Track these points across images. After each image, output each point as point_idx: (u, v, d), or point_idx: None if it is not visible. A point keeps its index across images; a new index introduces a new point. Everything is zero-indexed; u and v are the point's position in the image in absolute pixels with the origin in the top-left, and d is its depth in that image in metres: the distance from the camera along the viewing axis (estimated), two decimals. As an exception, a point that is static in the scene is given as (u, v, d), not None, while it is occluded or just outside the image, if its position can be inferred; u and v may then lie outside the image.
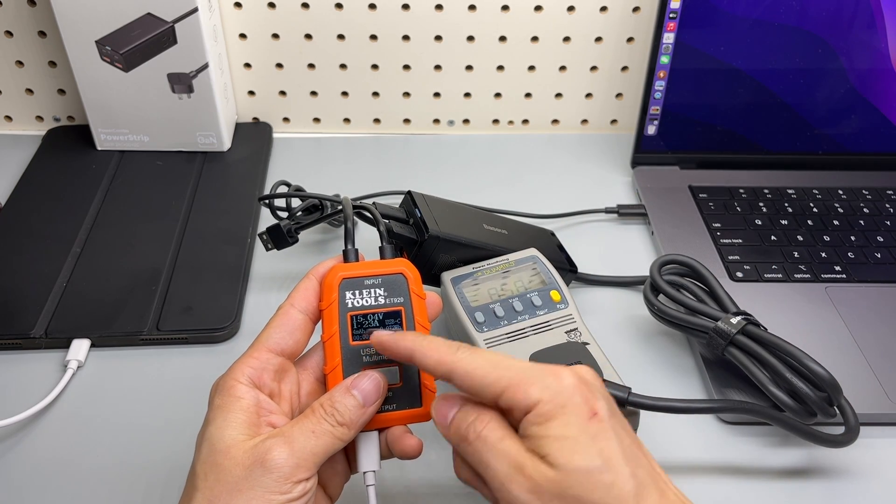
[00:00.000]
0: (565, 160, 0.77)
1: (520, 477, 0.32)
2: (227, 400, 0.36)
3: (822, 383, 0.46)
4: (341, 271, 0.40)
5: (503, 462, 0.33)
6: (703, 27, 0.67)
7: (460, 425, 0.35)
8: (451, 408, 0.36)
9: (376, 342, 0.38)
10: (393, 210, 0.54)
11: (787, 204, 0.68)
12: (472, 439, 0.34)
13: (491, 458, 0.33)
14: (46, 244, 0.62)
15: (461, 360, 0.35)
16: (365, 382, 0.37)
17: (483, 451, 0.34)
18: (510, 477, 0.33)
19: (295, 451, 0.34)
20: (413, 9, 0.72)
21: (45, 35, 0.73)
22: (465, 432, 0.35)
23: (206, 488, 0.34)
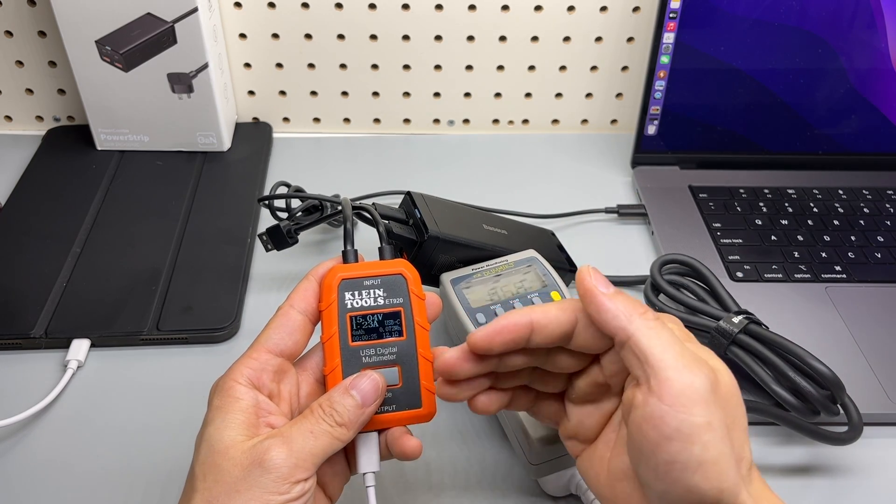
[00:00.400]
0: (565, 160, 0.77)
1: (705, 367, 0.32)
2: (226, 401, 0.36)
3: (825, 381, 0.46)
4: (340, 272, 0.40)
5: (683, 352, 0.32)
6: (703, 27, 0.67)
7: (625, 300, 0.34)
8: (609, 285, 0.35)
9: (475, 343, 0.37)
10: (392, 211, 0.54)
11: (788, 204, 0.68)
12: (648, 319, 0.34)
13: (671, 344, 0.33)
14: (46, 244, 0.62)
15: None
16: (364, 383, 0.37)
17: (662, 336, 0.33)
18: (695, 365, 0.32)
19: (293, 452, 0.34)
20: (413, 9, 0.72)
21: (45, 35, 0.73)
22: (634, 309, 0.34)
23: (205, 489, 0.34)
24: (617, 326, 0.34)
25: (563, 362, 0.37)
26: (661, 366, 0.32)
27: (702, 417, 0.31)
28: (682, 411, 0.31)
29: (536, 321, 0.36)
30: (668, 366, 0.32)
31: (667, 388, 0.31)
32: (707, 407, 0.31)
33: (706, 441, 0.31)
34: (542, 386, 0.39)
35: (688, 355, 0.33)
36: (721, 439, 0.31)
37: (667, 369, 0.32)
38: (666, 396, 0.31)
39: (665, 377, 0.32)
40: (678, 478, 0.31)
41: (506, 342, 0.36)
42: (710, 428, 0.31)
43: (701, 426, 0.31)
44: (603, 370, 0.37)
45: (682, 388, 0.31)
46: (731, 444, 0.32)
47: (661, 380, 0.32)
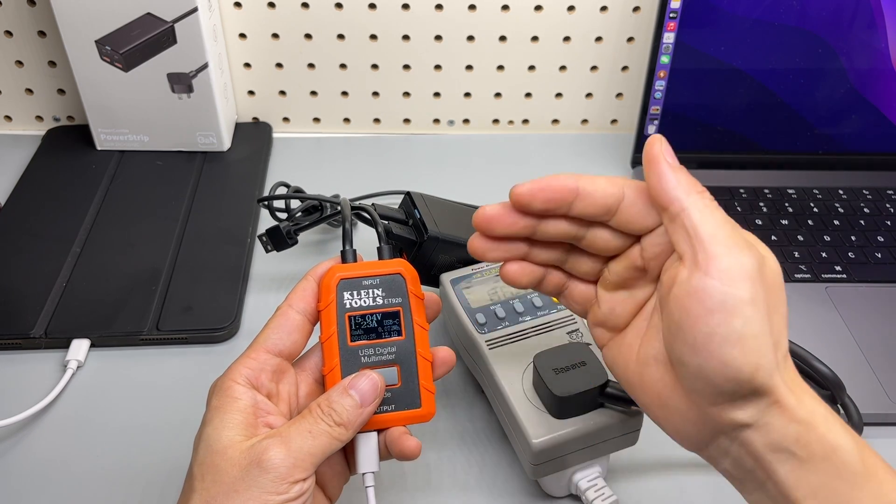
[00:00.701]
0: (565, 160, 0.77)
1: (751, 248, 0.32)
2: (225, 401, 0.36)
3: (825, 381, 0.46)
4: (339, 272, 0.40)
5: (733, 231, 0.32)
6: (703, 27, 0.67)
7: (691, 184, 0.34)
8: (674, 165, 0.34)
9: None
10: (392, 211, 0.54)
11: (788, 204, 0.68)
12: (704, 196, 0.33)
13: (722, 224, 0.32)
14: (46, 244, 0.62)
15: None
16: (362, 382, 0.37)
17: (717, 214, 0.33)
18: (742, 244, 0.32)
19: (292, 452, 0.34)
20: (413, 9, 0.72)
21: (45, 35, 0.73)
22: (693, 184, 0.34)
23: (203, 489, 0.34)
24: (674, 197, 0.33)
25: (603, 240, 0.37)
26: (712, 241, 0.32)
27: (746, 293, 0.31)
28: (729, 285, 0.31)
29: (583, 187, 0.35)
30: (718, 242, 0.32)
31: (714, 263, 0.31)
32: (753, 285, 0.31)
33: (748, 316, 0.31)
34: (577, 268, 0.39)
35: (738, 236, 0.32)
36: (763, 318, 0.31)
37: (717, 245, 0.32)
38: (713, 270, 0.31)
39: (714, 252, 0.31)
40: (716, 351, 0.31)
41: (548, 199, 0.35)
42: (754, 304, 0.31)
43: (745, 301, 0.31)
44: (643, 252, 0.36)
45: (730, 264, 0.31)
46: (770, 326, 0.32)
47: (709, 255, 0.31)
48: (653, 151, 0.34)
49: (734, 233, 0.32)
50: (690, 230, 0.32)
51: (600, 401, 0.44)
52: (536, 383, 0.45)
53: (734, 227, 0.33)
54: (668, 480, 0.48)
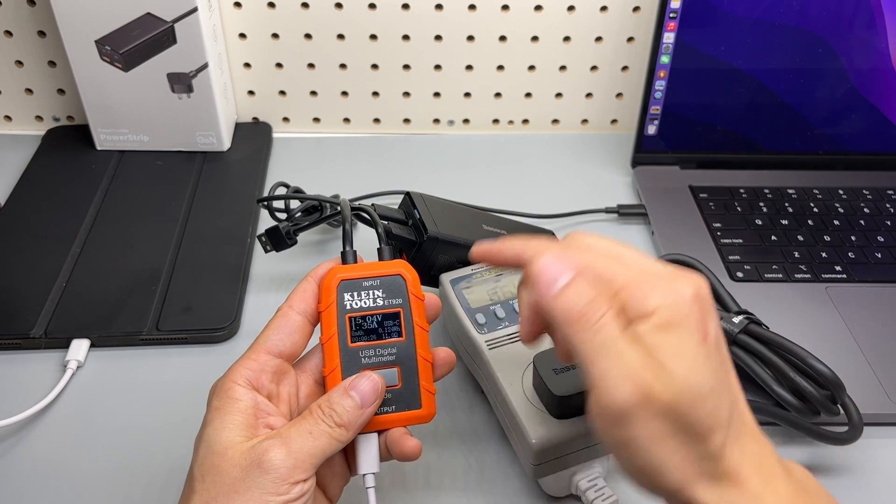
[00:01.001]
0: (565, 160, 0.77)
1: (631, 384, 0.30)
2: (225, 402, 0.36)
3: (825, 381, 0.46)
4: (339, 273, 0.40)
5: (616, 363, 0.31)
6: (703, 27, 0.67)
7: (575, 300, 0.32)
8: (565, 272, 0.32)
9: (478, 254, 0.38)
10: (392, 211, 0.54)
11: (788, 204, 0.68)
12: (587, 326, 0.31)
13: (603, 355, 0.31)
14: (46, 244, 0.62)
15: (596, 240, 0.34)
16: (363, 383, 0.37)
17: (596, 344, 0.31)
18: (620, 380, 0.30)
19: (292, 452, 0.34)
20: (413, 9, 0.72)
21: (45, 35, 0.73)
22: (579, 312, 0.32)
23: (204, 490, 0.34)
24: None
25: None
26: (597, 379, 0.31)
27: (635, 431, 0.31)
28: (613, 425, 0.31)
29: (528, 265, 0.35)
30: (602, 378, 0.31)
31: (595, 404, 0.31)
32: (638, 418, 0.31)
33: (642, 447, 0.31)
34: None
35: (621, 364, 0.31)
36: (661, 440, 0.31)
37: (598, 384, 0.31)
38: (595, 414, 0.32)
39: (596, 393, 0.31)
40: (634, 475, 0.33)
41: (499, 265, 0.38)
42: (648, 437, 0.31)
43: (634, 437, 0.31)
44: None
45: (608, 403, 0.31)
46: (676, 443, 0.31)
47: (595, 393, 0.31)
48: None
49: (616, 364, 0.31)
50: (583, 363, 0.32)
51: (600, 401, 0.44)
52: (536, 383, 0.45)
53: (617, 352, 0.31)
54: (668, 480, 0.48)
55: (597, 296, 0.32)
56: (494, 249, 0.37)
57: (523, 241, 0.36)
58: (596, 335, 0.31)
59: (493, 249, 0.37)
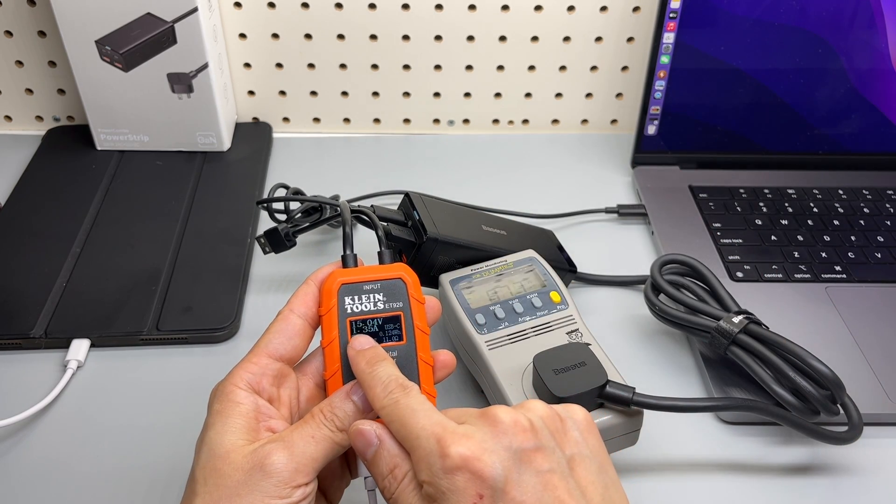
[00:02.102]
0: (565, 160, 0.77)
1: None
2: (226, 405, 0.36)
3: (825, 381, 0.46)
4: (340, 277, 0.40)
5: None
6: (703, 27, 0.67)
7: (380, 466, 0.34)
8: (371, 442, 0.35)
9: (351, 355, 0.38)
10: (391, 212, 0.54)
11: (788, 204, 0.68)
12: (389, 490, 0.34)
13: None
14: (46, 244, 0.62)
15: (384, 408, 0.35)
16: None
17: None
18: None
19: (294, 456, 0.34)
20: (413, 9, 0.72)
21: (45, 35, 0.73)
22: (383, 478, 0.34)
23: (206, 493, 0.34)
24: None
25: None
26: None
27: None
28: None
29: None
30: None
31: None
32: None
33: None
34: None
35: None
36: None
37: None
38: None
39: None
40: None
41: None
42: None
43: None
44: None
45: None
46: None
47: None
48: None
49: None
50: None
51: (600, 401, 0.44)
52: (536, 384, 0.45)
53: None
54: (668, 480, 0.48)
55: (398, 463, 0.34)
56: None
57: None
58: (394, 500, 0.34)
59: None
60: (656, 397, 0.44)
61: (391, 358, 0.37)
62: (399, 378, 0.36)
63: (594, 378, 0.43)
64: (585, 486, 0.33)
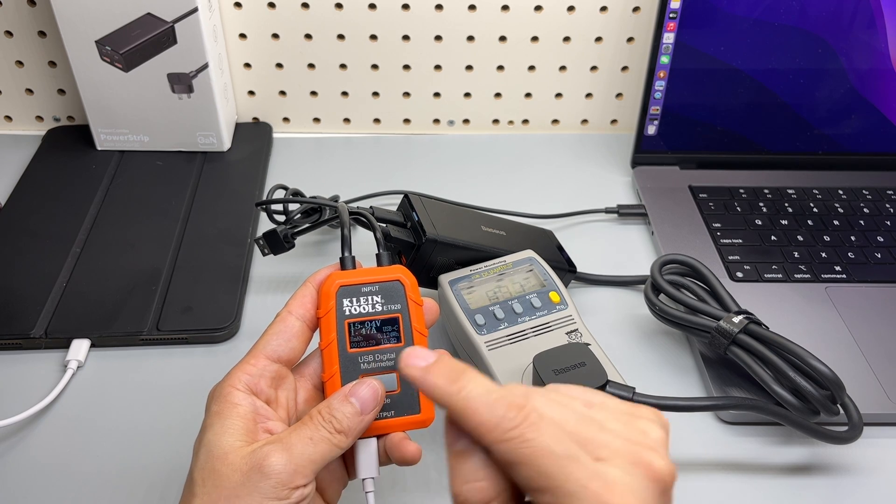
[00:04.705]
0: (565, 160, 0.77)
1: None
2: (224, 406, 0.36)
3: (825, 381, 0.46)
4: (338, 279, 0.40)
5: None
6: (703, 27, 0.67)
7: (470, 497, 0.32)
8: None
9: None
10: (390, 214, 0.54)
11: (787, 204, 0.68)
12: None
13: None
14: (46, 244, 0.62)
15: (506, 440, 0.31)
16: (363, 390, 0.37)
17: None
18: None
19: (293, 458, 0.34)
20: (413, 9, 0.72)
21: (45, 35, 0.73)
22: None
23: (205, 494, 0.34)
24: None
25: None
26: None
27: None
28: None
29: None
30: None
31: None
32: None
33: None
34: None
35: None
36: None
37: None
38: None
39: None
40: None
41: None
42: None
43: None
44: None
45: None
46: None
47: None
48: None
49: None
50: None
51: (600, 402, 0.44)
52: (536, 384, 0.45)
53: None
54: (667, 481, 0.48)
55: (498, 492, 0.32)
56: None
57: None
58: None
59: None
60: (656, 397, 0.44)
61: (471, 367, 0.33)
62: (506, 394, 0.31)
63: (594, 378, 0.43)
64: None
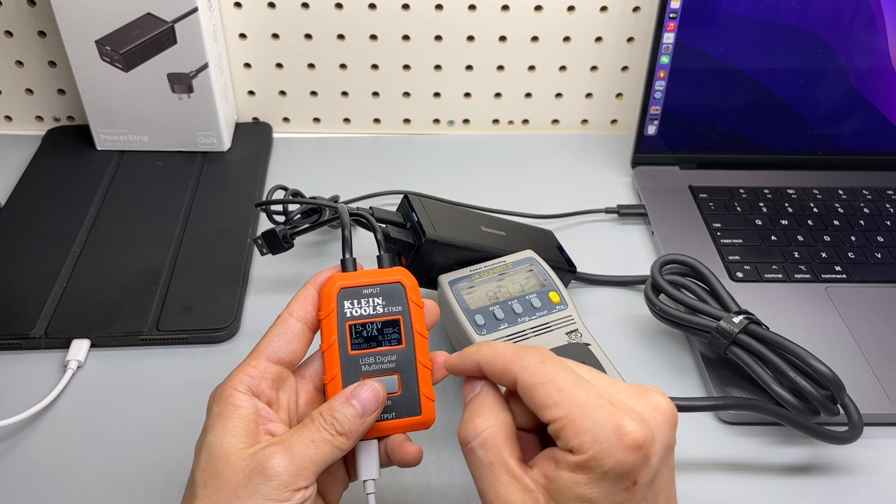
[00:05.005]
0: (565, 160, 0.77)
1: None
2: (226, 408, 0.36)
3: (825, 381, 0.46)
4: (339, 281, 0.40)
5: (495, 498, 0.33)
6: (703, 27, 0.67)
7: (467, 432, 0.35)
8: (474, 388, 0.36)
9: (448, 367, 0.39)
10: (390, 214, 0.54)
11: (788, 204, 0.68)
12: (474, 460, 0.34)
13: (484, 486, 0.34)
14: (46, 244, 0.62)
15: (526, 369, 0.34)
16: (364, 392, 0.37)
17: (478, 476, 0.34)
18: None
19: (294, 460, 0.34)
20: (413, 9, 0.72)
21: (45, 35, 0.73)
22: (463, 433, 0.35)
23: (206, 496, 0.34)
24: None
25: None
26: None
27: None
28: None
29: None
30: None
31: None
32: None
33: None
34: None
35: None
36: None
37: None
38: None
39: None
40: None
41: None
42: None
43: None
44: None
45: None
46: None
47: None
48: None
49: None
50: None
51: (600, 402, 0.44)
52: (536, 384, 0.45)
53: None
54: (667, 481, 0.48)
55: (492, 433, 0.34)
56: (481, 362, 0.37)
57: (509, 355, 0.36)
58: (482, 471, 0.34)
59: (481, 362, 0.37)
60: (656, 398, 0.44)
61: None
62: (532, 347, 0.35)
63: (594, 378, 0.43)
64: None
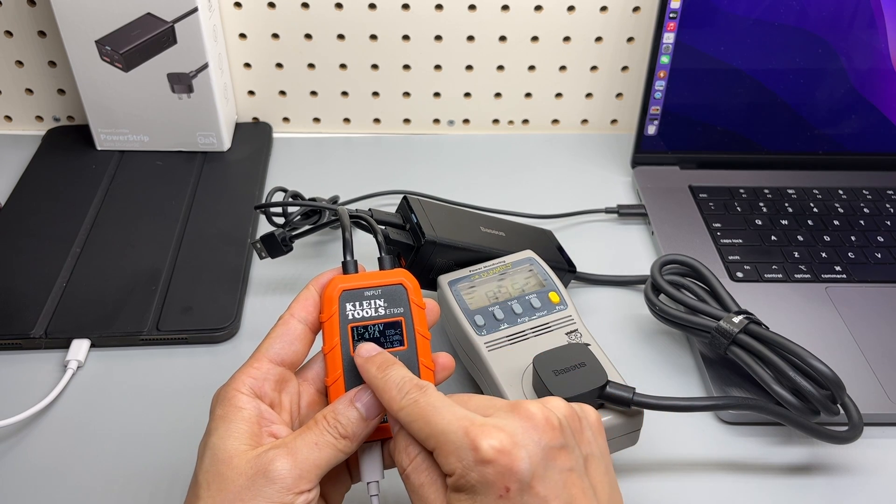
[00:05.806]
0: (565, 160, 0.77)
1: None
2: (229, 410, 0.36)
3: (825, 381, 0.46)
4: (341, 283, 0.39)
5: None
6: (703, 27, 0.67)
7: (395, 452, 0.36)
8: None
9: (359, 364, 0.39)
10: (389, 216, 0.54)
11: (788, 204, 0.68)
12: (405, 473, 0.35)
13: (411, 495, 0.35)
14: (46, 244, 0.62)
15: (403, 409, 0.35)
16: (367, 396, 0.37)
17: (407, 487, 0.35)
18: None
19: (298, 463, 0.34)
20: (413, 9, 0.72)
21: (45, 35, 0.73)
22: (398, 461, 0.36)
23: (209, 497, 0.34)
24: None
25: None
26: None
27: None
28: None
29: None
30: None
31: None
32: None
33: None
34: None
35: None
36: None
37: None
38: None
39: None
40: None
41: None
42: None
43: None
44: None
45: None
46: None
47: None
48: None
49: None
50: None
51: (600, 401, 0.44)
52: (536, 385, 0.45)
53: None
54: (668, 480, 0.48)
55: (413, 451, 0.36)
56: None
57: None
58: (408, 481, 0.36)
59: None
60: (656, 397, 0.44)
61: (400, 361, 0.38)
62: (413, 378, 0.36)
63: (594, 378, 0.43)
64: (596, 486, 0.35)
